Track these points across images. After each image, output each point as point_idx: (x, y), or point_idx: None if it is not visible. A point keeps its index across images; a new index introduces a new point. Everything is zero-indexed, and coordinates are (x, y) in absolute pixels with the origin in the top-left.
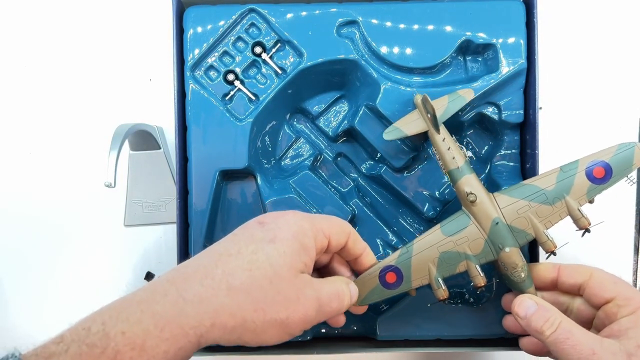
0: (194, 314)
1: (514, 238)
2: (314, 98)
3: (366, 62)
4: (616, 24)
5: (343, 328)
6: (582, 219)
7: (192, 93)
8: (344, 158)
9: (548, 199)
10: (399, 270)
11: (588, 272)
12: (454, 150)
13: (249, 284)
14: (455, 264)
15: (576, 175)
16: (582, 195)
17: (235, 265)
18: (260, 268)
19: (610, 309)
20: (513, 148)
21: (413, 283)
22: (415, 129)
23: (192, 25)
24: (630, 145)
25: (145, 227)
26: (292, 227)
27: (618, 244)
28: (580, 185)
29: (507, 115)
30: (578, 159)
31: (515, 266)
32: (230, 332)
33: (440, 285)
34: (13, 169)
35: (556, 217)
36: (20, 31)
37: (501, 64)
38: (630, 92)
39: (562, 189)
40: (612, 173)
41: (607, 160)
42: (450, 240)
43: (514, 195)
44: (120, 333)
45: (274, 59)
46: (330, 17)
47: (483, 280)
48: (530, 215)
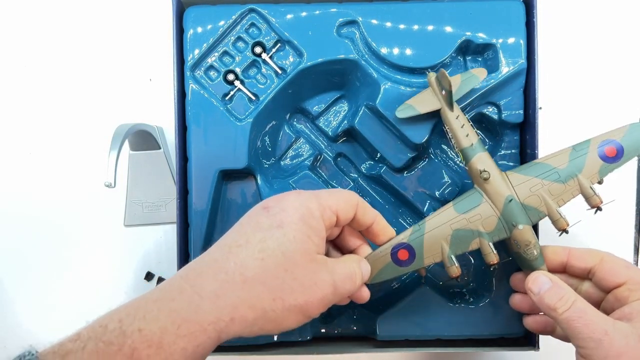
0: (211, 310)
1: (526, 215)
2: (314, 98)
3: (366, 62)
4: (616, 24)
5: (343, 328)
6: (595, 197)
7: (192, 93)
8: (343, 158)
9: (560, 177)
10: (412, 247)
11: (599, 256)
12: (468, 128)
13: (262, 274)
14: (468, 241)
15: (588, 154)
16: (594, 173)
17: (245, 255)
18: (272, 256)
19: (621, 292)
20: (513, 148)
21: (425, 261)
22: (428, 108)
23: (192, 25)
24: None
25: (145, 227)
26: (298, 209)
27: (618, 244)
28: (592, 164)
29: (507, 115)
30: (589, 138)
31: (528, 244)
32: (252, 324)
33: (453, 263)
34: (13, 169)
35: (568, 195)
36: (20, 31)
37: (501, 64)
38: (630, 92)
39: (575, 168)
40: (624, 152)
41: (618, 140)
42: (463, 217)
43: (526, 174)
44: (137, 330)
45: (274, 59)
46: (330, 17)
47: (496, 258)
48: (542, 193)
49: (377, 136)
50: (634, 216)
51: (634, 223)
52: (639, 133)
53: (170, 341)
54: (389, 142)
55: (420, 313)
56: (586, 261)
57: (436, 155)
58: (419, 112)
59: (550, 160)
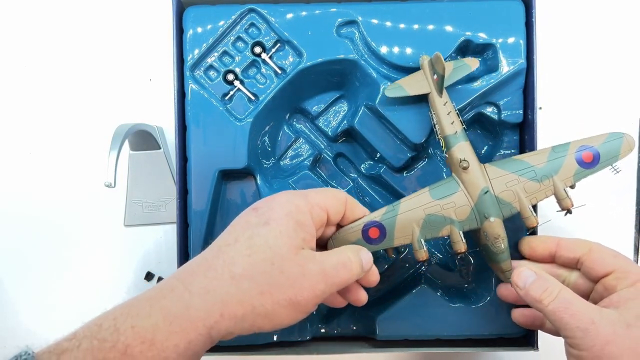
0: (201, 306)
1: (499, 209)
2: (313, 98)
3: (366, 62)
4: (616, 24)
5: (342, 328)
6: (566, 199)
7: (192, 93)
8: (343, 158)
9: (537, 175)
10: (383, 226)
11: (587, 246)
12: (454, 116)
13: (250, 269)
14: (439, 227)
15: (566, 156)
16: (569, 176)
17: (234, 253)
18: (259, 252)
19: (609, 281)
20: (512, 148)
21: (395, 241)
22: (417, 90)
23: (191, 25)
24: (619, 136)
25: (145, 227)
26: (285, 206)
27: (618, 244)
28: (568, 166)
29: (506, 115)
30: (570, 141)
31: (497, 237)
32: (242, 320)
33: (422, 247)
34: (13, 169)
35: (542, 195)
36: (20, 31)
37: (500, 63)
38: (630, 92)
39: (552, 168)
40: (600, 160)
41: (596, 147)
42: (437, 203)
43: (504, 168)
44: (130, 328)
45: (274, 59)
46: (330, 17)
47: (464, 247)
48: (517, 190)
49: (377, 136)
50: (634, 216)
51: (634, 223)
52: (617, 142)
53: (162, 338)
54: (389, 142)
55: (419, 313)
56: (575, 251)
57: (435, 155)
58: (407, 94)
59: (529, 158)
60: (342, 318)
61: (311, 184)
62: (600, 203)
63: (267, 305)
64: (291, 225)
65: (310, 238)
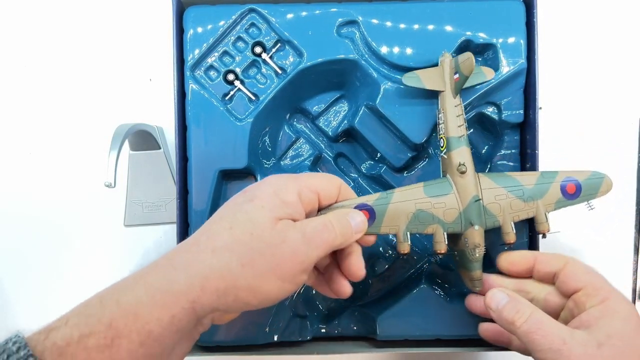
0: (183, 280)
1: (484, 219)
2: (314, 98)
3: (366, 62)
4: (616, 24)
5: (343, 328)
6: (545, 224)
7: (192, 93)
8: (344, 158)
9: (524, 195)
10: (374, 211)
11: (563, 260)
12: (462, 120)
13: (231, 242)
14: (425, 224)
15: (553, 184)
16: (551, 203)
17: (217, 228)
18: (240, 225)
19: (579, 297)
20: (513, 148)
21: (382, 229)
22: (433, 86)
23: (192, 25)
24: (601, 175)
25: (145, 227)
26: (272, 185)
27: (618, 244)
28: (553, 194)
29: (507, 115)
30: (559, 170)
31: (477, 245)
32: (225, 294)
33: (406, 239)
34: (13, 169)
35: (524, 214)
36: (20, 31)
37: (501, 63)
38: (630, 92)
39: (538, 192)
40: (580, 194)
41: (580, 181)
42: (429, 201)
43: (496, 182)
44: (115, 302)
45: (274, 59)
46: (330, 17)
47: (445, 248)
48: (504, 205)
49: (377, 136)
50: (634, 216)
51: (634, 223)
52: (598, 181)
53: (145, 311)
54: (389, 142)
55: (420, 313)
56: (551, 265)
57: (436, 155)
58: (424, 86)
59: (520, 177)
60: (342, 318)
61: None
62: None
63: (248, 277)
64: (276, 202)
65: (297, 215)
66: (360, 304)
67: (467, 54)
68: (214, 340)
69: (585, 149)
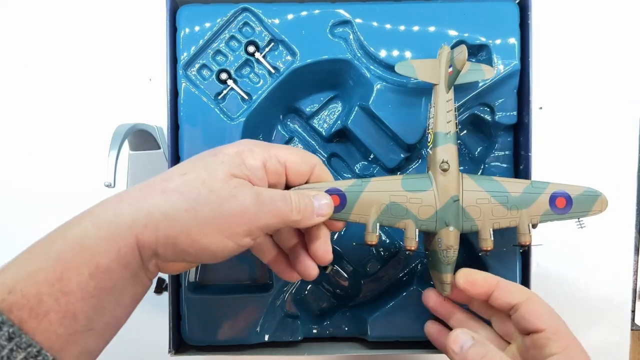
0: (128, 213)
1: (461, 221)
2: (307, 98)
3: (359, 62)
4: (615, 24)
5: (334, 328)
6: (526, 235)
7: (185, 92)
8: (337, 158)
9: (508, 202)
10: (345, 197)
11: (526, 295)
12: (452, 116)
13: (182, 185)
14: (398, 218)
15: (541, 195)
16: (537, 215)
17: (172, 172)
18: (194, 171)
19: (539, 339)
20: (506, 149)
21: (352, 216)
22: (426, 77)
23: (185, 24)
24: (597, 193)
25: None
26: (239, 146)
27: (618, 244)
28: (540, 205)
29: (500, 116)
30: (550, 182)
31: (449, 247)
32: (165, 236)
33: (375, 230)
34: (13, 169)
35: (506, 222)
36: (20, 31)
37: (495, 65)
38: (630, 93)
39: (524, 201)
40: (571, 209)
41: (572, 196)
42: (405, 194)
43: (480, 185)
44: (62, 236)
45: (267, 58)
46: (324, 17)
47: (415, 245)
48: (485, 209)
49: (370, 136)
50: (634, 216)
51: (634, 223)
52: (592, 198)
53: (91, 243)
54: (382, 143)
55: (411, 314)
56: (512, 296)
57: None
58: (416, 77)
59: (507, 183)
60: (334, 318)
61: None
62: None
63: (190, 223)
64: (237, 161)
65: (256, 180)
66: (352, 305)
67: (461, 47)
68: (205, 340)
69: (585, 149)
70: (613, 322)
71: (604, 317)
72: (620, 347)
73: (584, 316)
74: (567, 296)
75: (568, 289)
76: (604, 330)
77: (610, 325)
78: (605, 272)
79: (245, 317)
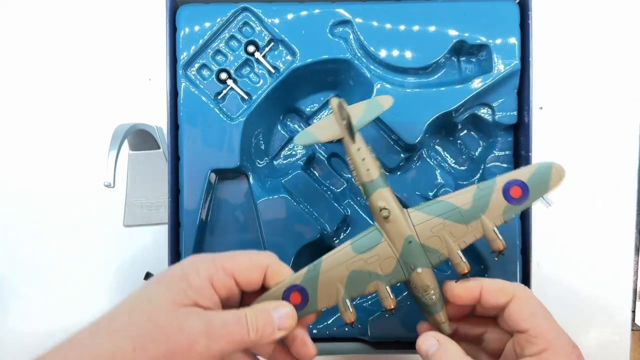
0: (76, 358)
1: (427, 258)
2: (307, 97)
3: (359, 61)
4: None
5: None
6: (497, 241)
7: (185, 92)
8: (337, 158)
9: (464, 217)
10: (304, 290)
11: (511, 293)
12: (369, 161)
13: (127, 325)
14: (364, 283)
15: (493, 194)
16: (499, 215)
17: (119, 309)
18: (139, 307)
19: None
20: (506, 149)
21: (319, 304)
22: (329, 135)
23: (185, 24)
24: (547, 166)
25: (145, 227)
26: (183, 268)
27: (618, 244)
28: (496, 204)
29: (500, 116)
30: (495, 177)
31: (426, 288)
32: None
33: (347, 308)
34: (13, 169)
35: (471, 237)
36: (20, 31)
37: (495, 64)
38: (630, 93)
39: (478, 208)
40: (529, 193)
41: (524, 180)
42: (360, 258)
43: (428, 212)
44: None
45: (267, 58)
46: (324, 17)
47: (393, 303)
48: (444, 234)
49: (371, 137)
50: (634, 216)
51: (634, 223)
52: (546, 173)
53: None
54: (382, 143)
55: (411, 314)
56: (497, 298)
57: (429, 156)
58: (319, 140)
59: (454, 199)
60: (334, 319)
61: (304, 185)
62: (601, 203)
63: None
64: (182, 286)
65: (206, 302)
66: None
67: (337, 101)
68: None
69: (585, 149)
70: (613, 322)
71: (604, 317)
72: (621, 347)
73: (584, 316)
74: (568, 296)
75: (568, 289)
76: (604, 330)
77: (611, 325)
78: (605, 272)
79: None
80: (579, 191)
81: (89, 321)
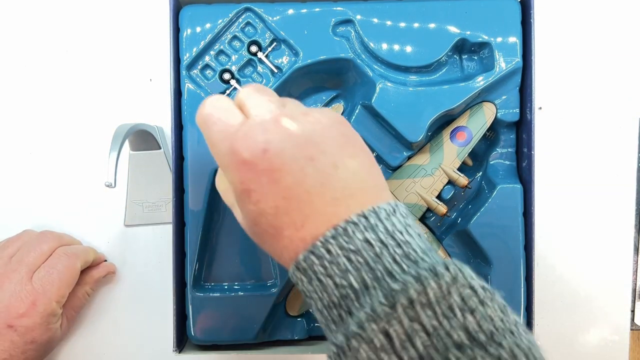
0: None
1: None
2: (310, 97)
3: (362, 61)
4: (615, 24)
5: None
6: (460, 179)
7: (188, 92)
8: None
9: (427, 171)
10: None
11: None
12: None
13: None
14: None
15: (444, 144)
16: (454, 159)
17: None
18: None
19: None
20: (509, 147)
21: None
22: None
23: (188, 24)
24: (479, 107)
25: (146, 227)
26: None
27: (618, 244)
28: (449, 151)
29: (502, 114)
30: (442, 131)
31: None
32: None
33: None
34: (13, 169)
35: (439, 184)
36: (20, 31)
37: (497, 62)
38: (630, 92)
39: (436, 160)
40: (473, 134)
41: (464, 124)
42: None
43: (399, 178)
44: None
45: (270, 58)
46: (326, 16)
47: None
48: (417, 190)
49: (373, 135)
50: (634, 216)
51: (634, 223)
52: (480, 113)
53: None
54: (385, 141)
55: None
56: None
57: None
58: None
59: (415, 160)
60: None
61: None
62: (600, 203)
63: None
64: None
65: None
66: None
67: None
68: (210, 339)
69: (585, 149)
70: (613, 322)
71: (604, 317)
72: (620, 347)
73: (584, 316)
74: (567, 296)
75: (568, 288)
76: (604, 330)
77: (610, 325)
78: (605, 272)
79: (249, 316)
80: (578, 191)
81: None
